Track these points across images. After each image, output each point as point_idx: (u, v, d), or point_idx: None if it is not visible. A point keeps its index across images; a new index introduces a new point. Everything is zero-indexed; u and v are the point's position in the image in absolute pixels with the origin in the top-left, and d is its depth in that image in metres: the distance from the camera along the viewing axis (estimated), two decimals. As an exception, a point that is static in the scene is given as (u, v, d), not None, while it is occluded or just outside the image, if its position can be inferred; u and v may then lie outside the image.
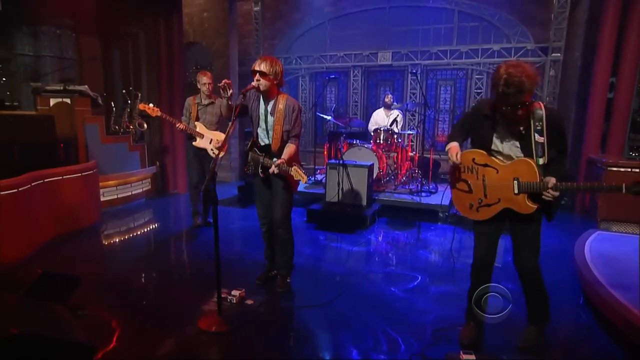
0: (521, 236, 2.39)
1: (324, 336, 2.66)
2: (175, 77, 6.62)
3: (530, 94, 2.03)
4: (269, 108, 3.03)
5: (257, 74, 2.86)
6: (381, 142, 6.18)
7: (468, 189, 2.42)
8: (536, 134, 2.16)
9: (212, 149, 4.41)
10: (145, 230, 5.10)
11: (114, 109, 6.14)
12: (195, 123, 4.44)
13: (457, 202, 2.52)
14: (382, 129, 6.23)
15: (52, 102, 5.20)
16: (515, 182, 2.22)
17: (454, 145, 2.40)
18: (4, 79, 6.57)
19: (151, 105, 4.24)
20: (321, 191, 5.75)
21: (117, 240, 4.67)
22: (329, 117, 6.85)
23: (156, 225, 5.32)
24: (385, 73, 8.79)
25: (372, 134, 6.43)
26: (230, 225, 5.18)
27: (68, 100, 5.15)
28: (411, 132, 6.79)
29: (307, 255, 4.13)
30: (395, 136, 6.23)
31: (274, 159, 2.99)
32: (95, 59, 6.25)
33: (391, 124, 6.37)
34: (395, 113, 6.61)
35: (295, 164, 2.94)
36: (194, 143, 4.44)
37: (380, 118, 6.83)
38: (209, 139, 4.42)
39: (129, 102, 5.98)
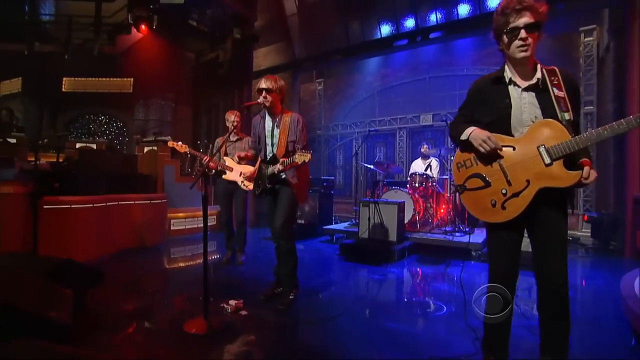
0: (553, 237, 1.57)
1: (303, 352, 2.06)
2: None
3: (535, 14, 1.48)
4: (276, 122, 2.80)
5: (264, 91, 2.70)
6: (417, 185, 5.53)
7: (484, 184, 1.62)
8: (554, 89, 1.52)
9: (242, 181, 3.99)
10: (198, 255, 4.93)
11: (189, 155, 6.51)
12: (224, 158, 4.06)
13: (474, 207, 1.67)
14: (417, 173, 5.63)
15: (146, 149, 5.67)
16: (542, 149, 1.50)
17: (477, 129, 1.62)
18: (127, 138, 7.53)
19: (179, 143, 4.02)
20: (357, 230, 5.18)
21: (171, 259, 4.57)
22: (371, 166, 6.45)
23: (209, 252, 5.15)
24: (427, 132, 8.29)
25: (409, 178, 5.83)
26: (266, 251, 4.81)
27: (155, 147, 5.56)
28: (446, 177, 6.02)
29: (323, 280, 3.57)
30: (431, 180, 5.55)
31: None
32: (186, 121, 6.84)
33: (426, 169, 5.74)
34: (430, 159, 5.99)
35: (300, 152, 2.46)
36: (224, 177, 4.01)
37: (417, 167, 6.24)
38: (238, 172, 4.01)
39: (201, 151, 6.30)
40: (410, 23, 7.15)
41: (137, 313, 2.64)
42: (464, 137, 1.65)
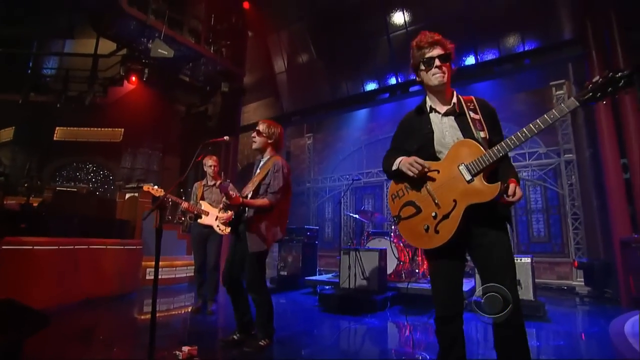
0: (493, 260, 1.49)
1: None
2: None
3: (445, 47, 1.65)
4: (260, 164, 2.83)
5: (255, 132, 2.78)
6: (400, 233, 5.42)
7: (415, 210, 1.61)
8: (470, 112, 1.65)
9: (218, 225, 3.86)
10: (170, 307, 4.63)
11: (170, 203, 6.43)
12: (200, 202, 4.00)
13: (411, 236, 1.62)
14: (401, 221, 5.55)
15: (127, 195, 5.65)
16: (462, 167, 1.53)
17: (405, 157, 1.65)
18: (112, 187, 7.54)
19: (155, 187, 3.86)
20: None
21: (138, 309, 4.28)
22: (355, 215, 6.40)
23: (182, 304, 4.84)
24: (414, 183, 8.38)
25: (393, 226, 5.73)
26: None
27: (136, 194, 5.55)
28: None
29: (295, 331, 3.30)
30: (415, 229, 5.45)
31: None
32: (174, 170, 6.93)
33: (409, 217, 5.68)
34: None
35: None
36: (199, 221, 3.91)
37: (403, 215, 6.19)
38: (214, 216, 3.87)
39: (183, 198, 6.25)
40: (392, 81, 7.66)
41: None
42: (394, 167, 1.67)
